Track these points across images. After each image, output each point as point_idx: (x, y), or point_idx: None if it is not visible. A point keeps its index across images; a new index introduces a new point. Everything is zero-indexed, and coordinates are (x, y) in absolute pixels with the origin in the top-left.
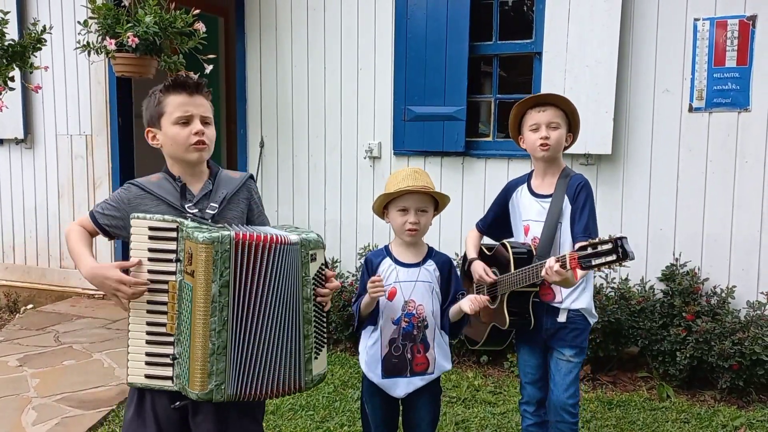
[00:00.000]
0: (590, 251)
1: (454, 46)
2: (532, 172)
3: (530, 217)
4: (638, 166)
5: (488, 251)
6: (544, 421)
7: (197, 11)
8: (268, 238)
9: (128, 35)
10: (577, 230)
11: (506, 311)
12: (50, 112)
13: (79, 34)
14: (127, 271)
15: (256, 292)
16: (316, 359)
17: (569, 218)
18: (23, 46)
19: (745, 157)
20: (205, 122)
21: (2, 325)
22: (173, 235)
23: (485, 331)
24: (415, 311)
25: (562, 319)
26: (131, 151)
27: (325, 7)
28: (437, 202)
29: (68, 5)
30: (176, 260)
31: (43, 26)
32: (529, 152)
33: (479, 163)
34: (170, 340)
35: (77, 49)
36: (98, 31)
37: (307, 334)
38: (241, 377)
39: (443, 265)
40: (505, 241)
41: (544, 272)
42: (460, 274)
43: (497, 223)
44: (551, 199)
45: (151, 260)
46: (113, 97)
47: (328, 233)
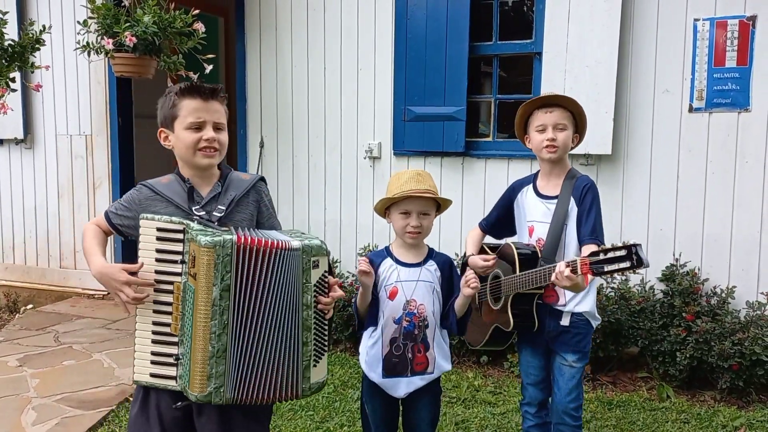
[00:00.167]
0: (602, 257)
1: (454, 46)
2: (537, 172)
3: (535, 218)
4: (638, 166)
5: (491, 251)
6: (545, 422)
7: (197, 11)
8: (269, 243)
9: (126, 35)
10: (584, 232)
11: (510, 313)
12: (50, 112)
13: (78, 33)
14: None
15: (256, 296)
16: (315, 367)
17: (575, 220)
18: (22, 46)
19: (745, 157)
20: (217, 128)
21: (2, 325)
22: (180, 236)
23: (487, 331)
24: (416, 311)
25: (565, 322)
26: (131, 151)
27: (325, 7)
28: (439, 203)
29: (68, 5)
30: (181, 262)
31: (42, 26)
32: (534, 153)
33: (479, 163)
34: (174, 340)
35: (77, 49)
36: (97, 30)
37: (306, 341)
38: (239, 381)
39: (444, 265)
40: (509, 241)
41: (554, 277)
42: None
43: (501, 223)
44: (557, 200)
45: (158, 261)
46: (113, 97)
47: (328, 233)
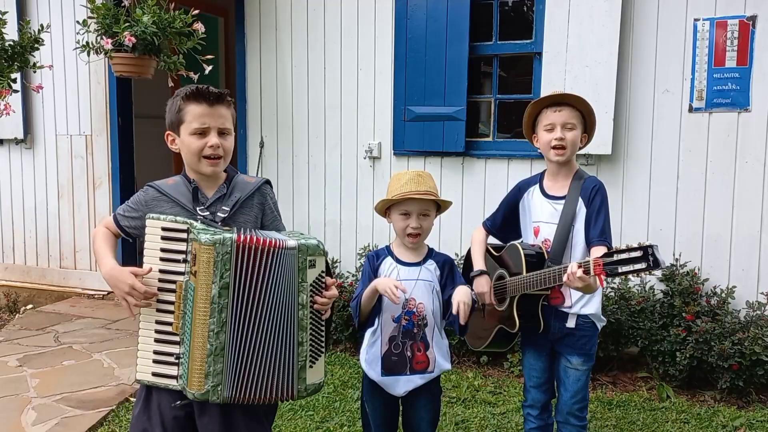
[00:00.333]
0: (616, 258)
1: (454, 46)
2: (543, 172)
3: (541, 218)
4: (638, 166)
5: (496, 252)
6: (547, 424)
7: (197, 11)
8: (267, 241)
9: (125, 35)
10: (593, 234)
11: (516, 314)
12: (50, 112)
13: (78, 33)
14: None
15: (253, 295)
16: (311, 368)
17: (583, 221)
18: (22, 46)
19: (745, 157)
20: (222, 133)
21: (2, 325)
22: (183, 236)
23: (491, 333)
24: (415, 309)
25: (571, 324)
26: (131, 151)
27: (325, 7)
28: (439, 204)
29: (68, 5)
30: (184, 261)
31: (40, 25)
32: (542, 152)
33: (479, 163)
34: (176, 339)
35: (76, 49)
36: (97, 30)
37: (301, 341)
38: (236, 380)
39: (444, 264)
40: (515, 242)
41: (566, 278)
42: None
43: (506, 223)
44: (564, 201)
45: (162, 260)
46: (113, 97)
47: (328, 233)
